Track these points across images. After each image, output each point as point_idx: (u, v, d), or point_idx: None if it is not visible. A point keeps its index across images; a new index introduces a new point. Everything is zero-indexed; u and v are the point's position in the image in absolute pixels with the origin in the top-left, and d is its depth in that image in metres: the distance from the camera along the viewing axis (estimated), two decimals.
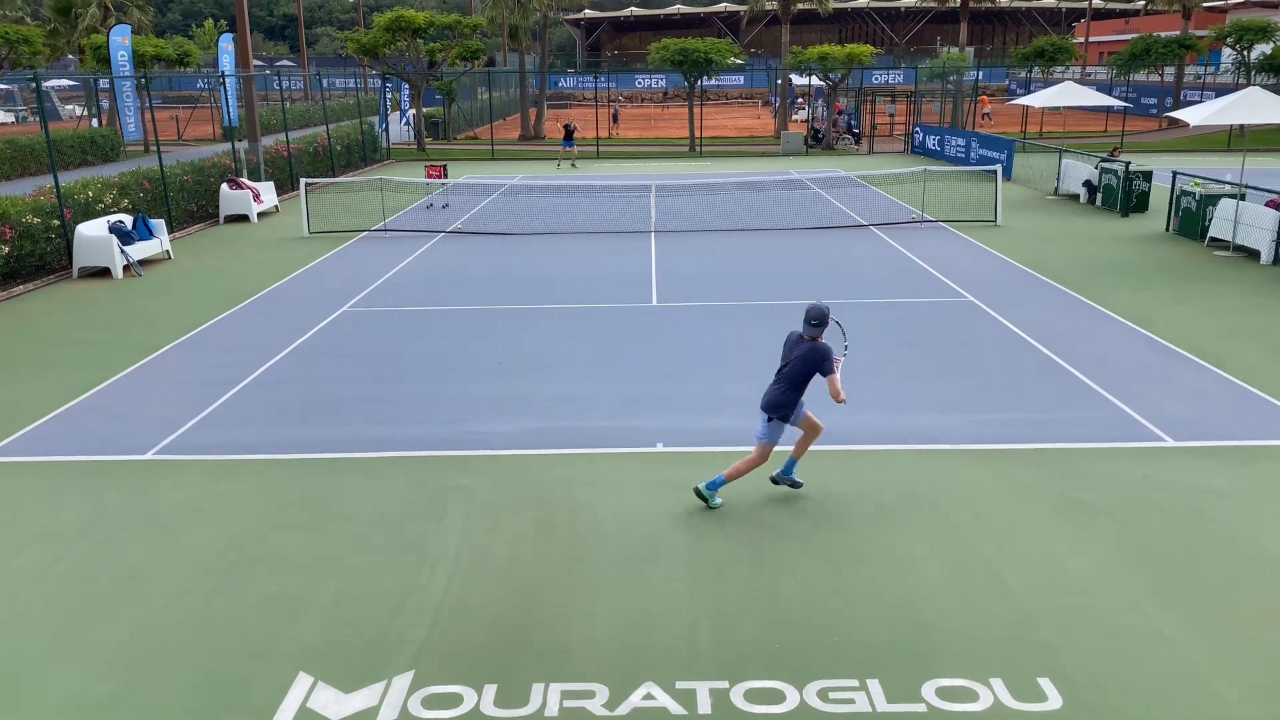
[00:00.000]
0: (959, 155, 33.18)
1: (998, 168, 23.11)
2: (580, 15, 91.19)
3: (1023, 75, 57.95)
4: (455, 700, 5.58)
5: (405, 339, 12.97)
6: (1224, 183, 19.55)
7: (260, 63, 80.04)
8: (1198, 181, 19.58)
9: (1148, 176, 22.78)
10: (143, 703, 5.59)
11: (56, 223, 17.18)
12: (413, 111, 42.66)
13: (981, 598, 6.54)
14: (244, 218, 23.32)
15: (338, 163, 32.46)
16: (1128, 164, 23.03)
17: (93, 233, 17.18)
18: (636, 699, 5.55)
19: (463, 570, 7.00)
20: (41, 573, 7.05)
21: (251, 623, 6.35)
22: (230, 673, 5.83)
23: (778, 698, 5.54)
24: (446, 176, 25.23)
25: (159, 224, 18.64)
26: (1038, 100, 30.80)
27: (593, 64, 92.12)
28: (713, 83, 55.34)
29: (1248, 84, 37.94)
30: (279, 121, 39.89)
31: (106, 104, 42.78)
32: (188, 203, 22.29)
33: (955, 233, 20.43)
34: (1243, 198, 18.05)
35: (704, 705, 5.49)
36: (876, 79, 67.69)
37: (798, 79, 48.48)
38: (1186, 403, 10.18)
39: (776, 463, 8.18)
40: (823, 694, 5.56)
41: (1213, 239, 18.55)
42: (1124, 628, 6.18)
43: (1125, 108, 36.57)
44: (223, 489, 8.41)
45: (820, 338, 7.65)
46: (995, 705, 5.45)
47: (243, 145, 26.10)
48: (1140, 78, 51.66)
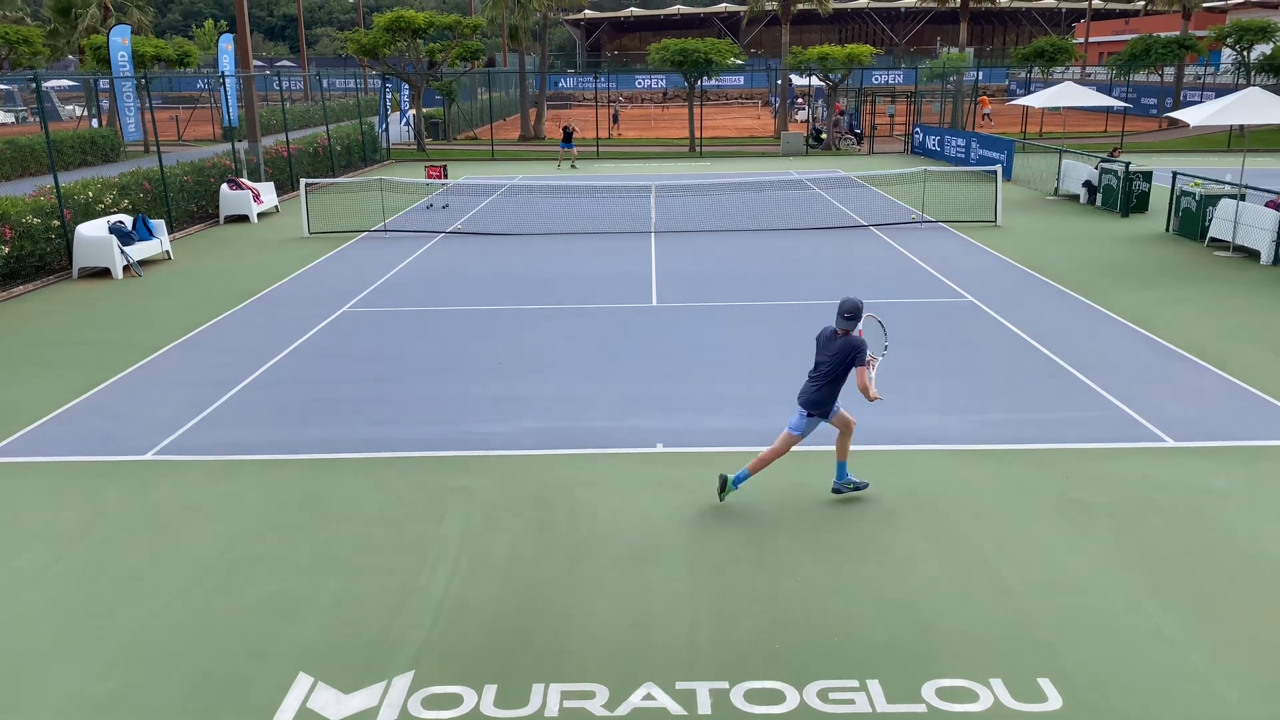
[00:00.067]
0: (959, 155, 33.19)
1: (998, 168, 23.12)
2: (580, 15, 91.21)
3: (1022, 75, 57.97)
4: (455, 700, 5.58)
5: (405, 339, 12.98)
6: (1224, 183, 19.55)
7: (260, 63, 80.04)
8: (1198, 182, 19.58)
9: (1148, 177, 22.79)
10: (143, 703, 5.59)
11: (56, 223, 17.18)
12: (413, 112, 42.67)
13: (981, 598, 6.54)
14: (244, 218, 23.33)
15: (338, 163, 32.47)
16: (1128, 164, 23.03)
17: (93, 233, 17.19)
18: (636, 699, 5.55)
19: (463, 570, 7.00)
20: (41, 573, 7.05)
21: (251, 623, 6.35)
22: (230, 673, 5.83)
23: (778, 698, 5.54)
24: (446, 177, 25.25)
25: (159, 224, 18.64)
26: (1038, 100, 30.82)
27: (593, 64, 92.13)
28: (713, 83, 55.35)
29: (1247, 84, 37.98)
30: (279, 122, 39.91)
31: (106, 104, 42.79)
32: (188, 203, 22.30)
33: (955, 233, 20.44)
34: (1243, 198, 18.05)
35: (704, 705, 5.49)
36: (876, 79, 67.71)
37: (798, 79, 48.48)
38: (1186, 403, 10.19)
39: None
40: (823, 694, 5.57)
41: (1213, 239, 18.55)
42: (1124, 628, 6.19)
43: (1125, 108, 36.58)
44: (223, 489, 8.41)
45: (853, 331, 7.59)
46: (995, 705, 5.46)
47: (243, 146, 26.11)
48: (1140, 78, 51.68)
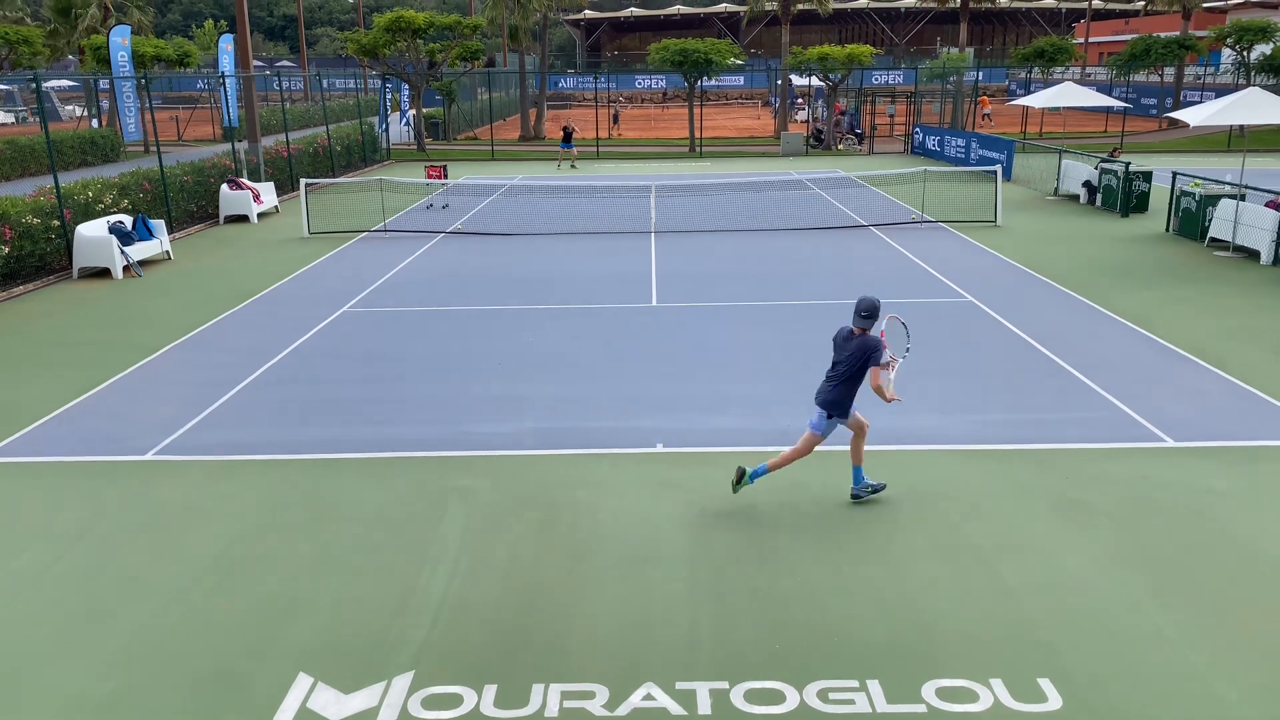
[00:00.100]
0: (959, 156, 33.19)
1: (997, 168, 23.12)
2: (580, 16, 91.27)
3: (1022, 76, 57.98)
4: (455, 701, 5.58)
5: (405, 339, 12.98)
6: (1224, 183, 19.55)
7: (260, 63, 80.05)
8: (1197, 182, 19.58)
9: (1147, 177, 22.79)
10: (143, 703, 5.59)
11: (56, 223, 17.18)
12: (413, 112, 42.68)
13: (981, 598, 6.54)
14: (244, 218, 23.32)
15: (338, 163, 32.46)
16: (1127, 164, 23.03)
17: (93, 233, 17.19)
18: (636, 699, 5.55)
19: (463, 570, 7.00)
20: (41, 573, 7.05)
21: (251, 623, 6.35)
22: (230, 673, 5.83)
23: (778, 698, 5.54)
24: (446, 177, 25.25)
25: (159, 224, 18.64)
26: (1038, 101, 30.84)
27: (593, 64, 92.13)
28: (713, 83, 55.37)
29: (1247, 84, 37.98)
30: (279, 122, 39.92)
31: (106, 104, 42.79)
32: (188, 203, 22.30)
33: (955, 233, 20.43)
34: (1243, 198, 18.05)
35: (704, 706, 5.49)
36: (876, 79, 67.73)
37: (798, 79, 48.49)
38: (1187, 403, 10.18)
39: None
40: (823, 694, 5.56)
41: (1213, 239, 18.55)
42: (1124, 628, 6.19)
43: (1125, 108, 36.59)
44: (223, 489, 8.41)
45: (870, 330, 7.56)
46: (995, 706, 5.45)
47: (243, 146, 26.11)
48: (1140, 78, 51.70)
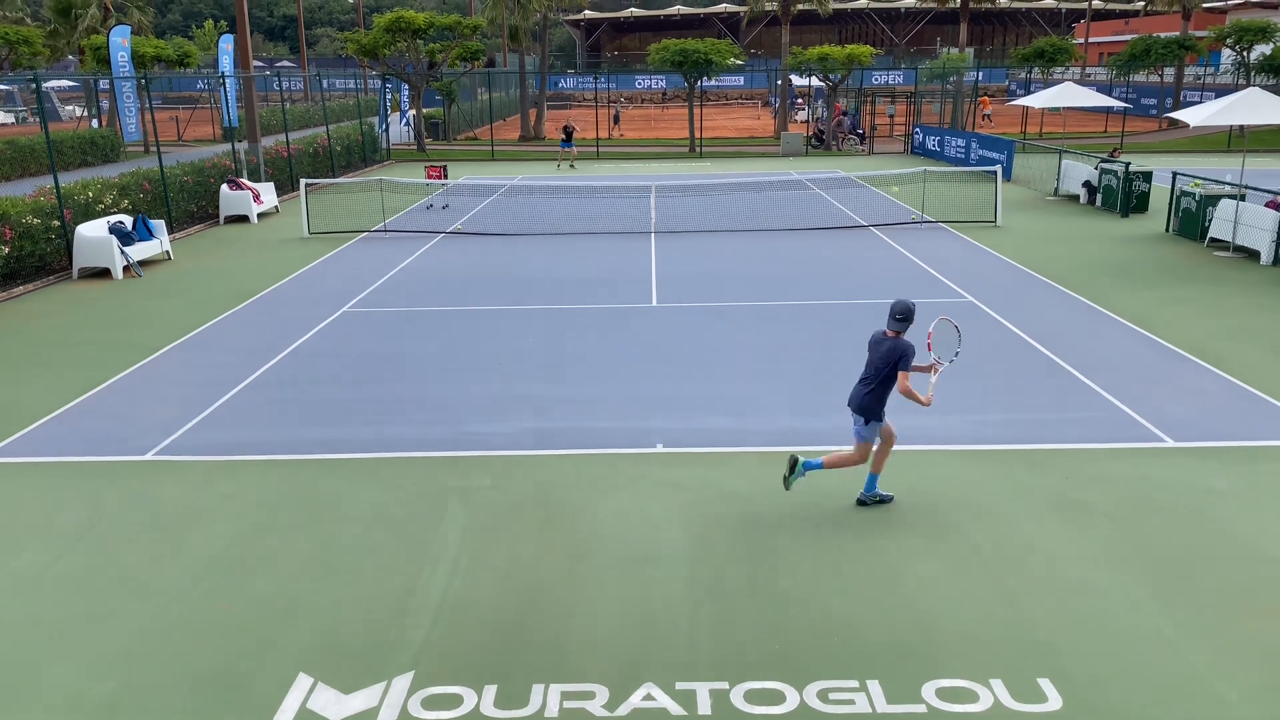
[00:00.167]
0: (959, 156, 33.20)
1: (997, 168, 23.12)
2: (580, 16, 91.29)
3: (1022, 76, 57.99)
4: (455, 701, 5.58)
5: (405, 339, 12.98)
6: (1224, 183, 19.55)
7: (260, 63, 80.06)
8: (1197, 182, 19.58)
9: (1147, 177, 22.79)
10: (143, 703, 5.59)
11: (56, 223, 17.18)
12: (413, 112, 42.67)
13: (981, 598, 6.54)
14: (244, 218, 23.33)
15: (338, 163, 32.46)
16: (1127, 164, 23.04)
17: (93, 233, 17.19)
18: (636, 699, 5.55)
19: (463, 570, 7.00)
20: (41, 573, 7.05)
21: (251, 623, 6.35)
22: (230, 673, 5.83)
23: (778, 698, 5.54)
24: (446, 177, 25.25)
25: (159, 224, 18.65)
26: (1038, 101, 30.85)
27: (593, 65, 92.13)
28: (713, 83, 55.38)
29: (1247, 85, 37.98)
30: (279, 122, 39.91)
31: (106, 105, 42.79)
32: (188, 203, 22.30)
33: (955, 233, 20.43)
34: (1242, 198, 18.05)
35: (704, 706, 5.49)
36: (876, 80, 67.74)
37: (798, 80, 48.50)
38: (1186, 403, 10.18)
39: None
40: (823, 695, 5.56)
41: (1213, 239, 18.55)
42: (1124, 628, 6.19)
43: (1125, 108, 36.60)
44: (222, 489, 8.41)
45: (904, 334, 7.47)
46: (995, 706, 5.45)
47: (243, 146, 26.11)
48: (1140, 78, 51.70)
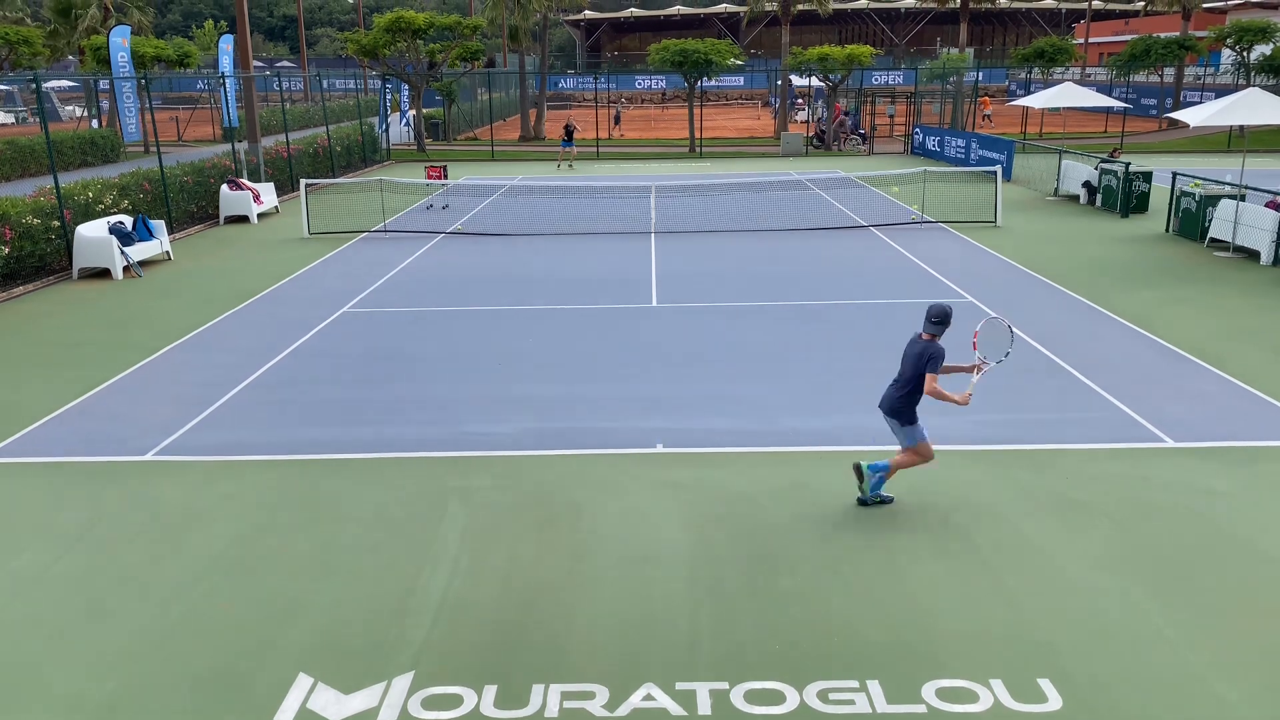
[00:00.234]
0: (959, 156, 33.20)
1: (997, 169, 23.13)
2: (580, 16, 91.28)
3: (1022, 76, 57.99)
4: (455, 701, 5.58)
5: (405, 339, 12.98)
6: (1224, 183, 19.55)
7: (260, 64, 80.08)
8: (1197, 182, 19.58)
9: (1147, 177, 22.79)
10: (143, 703, 5.59)
11: (56, 224, 17.18)
12: (413, 112, 42.68)
13: (981, 598, 6.54)
14: (244, 218, 23.33)
15: (338, 163, 32.46)
16: (1127, 165, 23.03)
17: (93, 233, 17.18)
18: (636, 700, 5.55)
19: (463, 570, 7.00)
20: (41, 573, 7.05)
21: (251, 623, 6.35)
22: (230, 673, 5.83)
23: (778, 698, 5.54)
24: (446, 177, 25.25)
25: (159, 225, 18.64)
26: (1037, 101, 30.84)
27: (593, 65, 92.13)
28: (713, 83, 55.38)
29: (1247, 85, 37.98)
30: (279, 122, 39.92)
31: (106, 105, 42.79)
32: (188, 204, 22.30)
33: (955, 234, 20.43)
34: (1242, 198, 18.05)
35: (704, 706, 5.49)
36: (876, 80, 67.72)
37: (798, 80, 48.49)
38: (1187, 403, 10.18)
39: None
40: (823, 695, 5.56)
41: (1213, 240, 18.55)
42: (1124, 628, 6.19)
43: (1125, 109, 36.59)
44: (223, 489, 8.41)
45: (939, 337, 7.41)
46: (995, 706, 5.45)
47: (243, 146, 26.11)
48: (1140, 79, 51.71)
